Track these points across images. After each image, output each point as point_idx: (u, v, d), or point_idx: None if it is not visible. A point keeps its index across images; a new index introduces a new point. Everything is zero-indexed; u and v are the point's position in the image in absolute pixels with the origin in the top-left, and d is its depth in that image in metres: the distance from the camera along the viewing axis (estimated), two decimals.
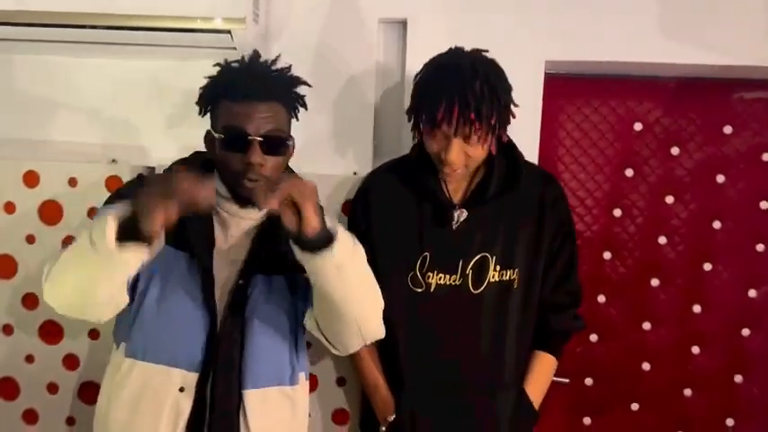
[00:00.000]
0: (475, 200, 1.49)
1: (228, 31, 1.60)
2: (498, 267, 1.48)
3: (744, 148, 1.89)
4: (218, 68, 1.30)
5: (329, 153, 1.80)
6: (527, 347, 1.54)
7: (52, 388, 1.80)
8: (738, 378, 1.94)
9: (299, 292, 1.32)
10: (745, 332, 1.93)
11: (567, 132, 1.93)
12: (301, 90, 1.33)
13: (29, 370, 1.79)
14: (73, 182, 1.75)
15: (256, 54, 1.29)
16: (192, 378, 1.24)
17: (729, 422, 1.94)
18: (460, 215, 1.47)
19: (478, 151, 1.40)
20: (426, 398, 1.47)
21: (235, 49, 1.68)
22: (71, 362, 1.79)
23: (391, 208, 1.52)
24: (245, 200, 1.27)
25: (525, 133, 1.75)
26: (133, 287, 1.25)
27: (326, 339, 1.30)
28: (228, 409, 1.24)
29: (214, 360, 1.24)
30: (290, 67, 1.31)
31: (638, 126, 1.91)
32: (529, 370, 1.54)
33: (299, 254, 1.13)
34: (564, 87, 1.90)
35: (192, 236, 1.25)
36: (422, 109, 1.41)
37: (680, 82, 1.89)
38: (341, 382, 1.80)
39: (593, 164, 1.93)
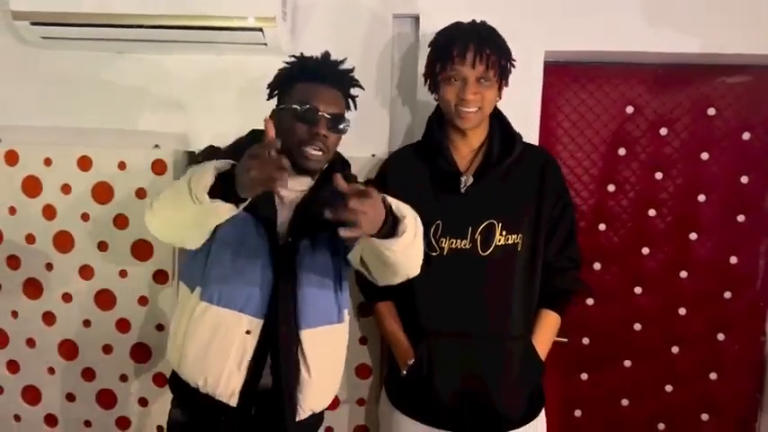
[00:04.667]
0: (481, 169, 1.65)
1: (260, 29, 1.76)
2: (504, 232, 1.62)
3: (726, 128, 2.01)
4: (293, 59, 1.51)
5: (350, 137, 1.92)
6: (533, 304, 1.68)
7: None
8: (721, 336, 2.08)
9: (341, 242, 1.46)
10: (727, 295, 2.07)
11: (566, 115, 2.06)
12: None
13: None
14: (122, 165, 1.92)
15: (327, 53, 1.52)
16: (257, 323, 1.43)
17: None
18: (467, 180, 1.64)
19: (491, 93, 1.60)
20: (442, 345, 1.64)
21: (266, 44, 1.84)
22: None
23: (407, 181, 1.68)
24: (301, 168, 1.45)
25: (527, 116, 1.92)
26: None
27: (370, 275, 1.45)
28: (290, 347, 1.44)
29: (274, 308, 1.43)
30: (352, 69, 1.53)
31: (629, 109, 2.04)
32: (536, 326, 1.69)
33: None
34: (562, 74, 2.03)
35: (261, 207, 1.42)
36: (439, 58, 1.61)
37: (668, 68, 2.01)
38: (363, 341, 1.99)
39: (589, 143, 2.06)
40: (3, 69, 1.99)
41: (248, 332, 1.43)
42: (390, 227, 1.26)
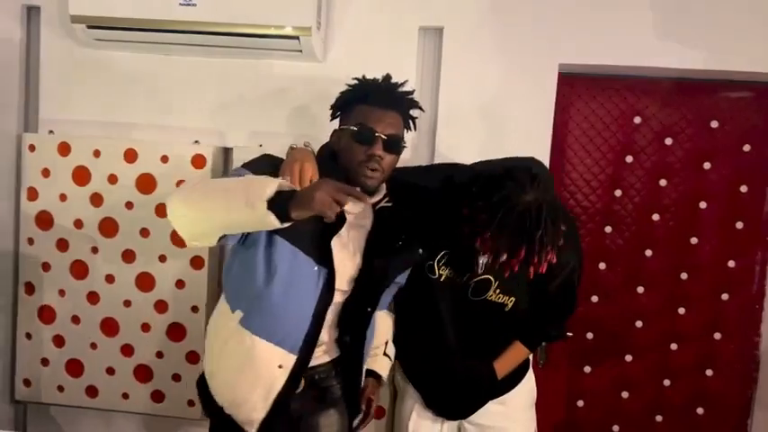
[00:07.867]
0: None
1: (297, 37, 1.90)
2: (498, 291, 1.68)
3: (727, 140, 2.12)
4: (356, 81, 1.54)
5: None
6: (508, 344, 1.77)
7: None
8: (717, 335, 2.19)
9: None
10: (725, 296, 2.17)
11: (577, 124, 2.17)
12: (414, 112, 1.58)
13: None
14: (164, 159, 2.07)
15: (389, 76, 1.54)
16: (291, 359, 1.46)
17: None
18: (486, 261, 1.59)
19: None
20: (417, 359, 1.82)
21: (301, 51, 1.98)
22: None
23: (431, 201, 1.70)
24: (359, 187, 1.45)
25: (541, 125, 2.04)
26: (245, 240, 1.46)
27: None
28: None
29: (310, 346, 1.48)
30: (413, 92, 1.55)
31: (637, 119, 2.15)
32: (503, 351, 1.76)
33: None
34: (574, 85, 2.15)
35: (322, 252, 1.45)
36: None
37: (674, 82, 2.12)
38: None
39: (598, 151, 2.17)
40: (59, 68, 2.15)
41: (280, 366, 1.46)
42: None
